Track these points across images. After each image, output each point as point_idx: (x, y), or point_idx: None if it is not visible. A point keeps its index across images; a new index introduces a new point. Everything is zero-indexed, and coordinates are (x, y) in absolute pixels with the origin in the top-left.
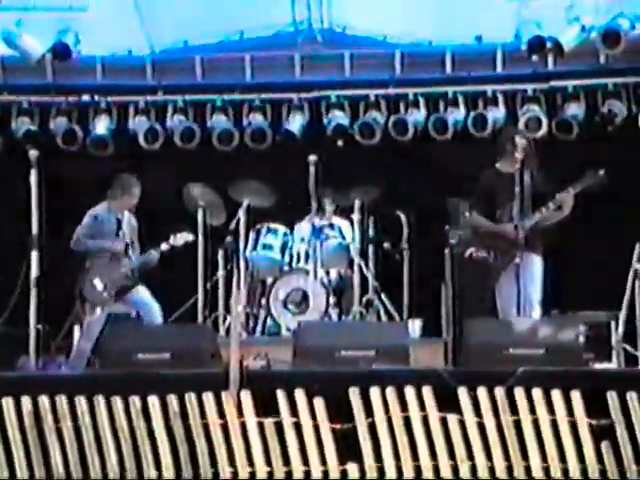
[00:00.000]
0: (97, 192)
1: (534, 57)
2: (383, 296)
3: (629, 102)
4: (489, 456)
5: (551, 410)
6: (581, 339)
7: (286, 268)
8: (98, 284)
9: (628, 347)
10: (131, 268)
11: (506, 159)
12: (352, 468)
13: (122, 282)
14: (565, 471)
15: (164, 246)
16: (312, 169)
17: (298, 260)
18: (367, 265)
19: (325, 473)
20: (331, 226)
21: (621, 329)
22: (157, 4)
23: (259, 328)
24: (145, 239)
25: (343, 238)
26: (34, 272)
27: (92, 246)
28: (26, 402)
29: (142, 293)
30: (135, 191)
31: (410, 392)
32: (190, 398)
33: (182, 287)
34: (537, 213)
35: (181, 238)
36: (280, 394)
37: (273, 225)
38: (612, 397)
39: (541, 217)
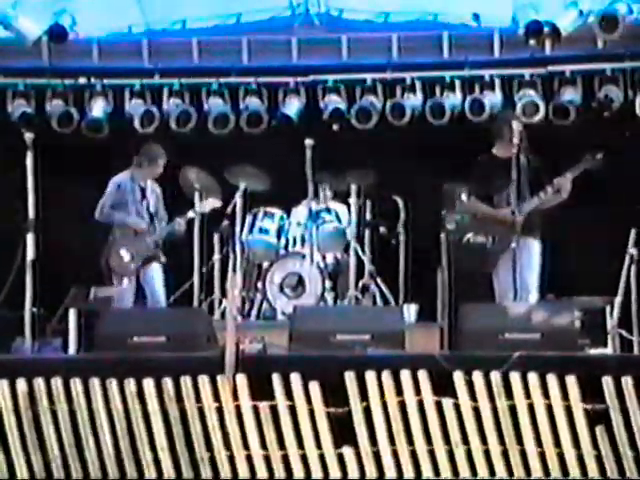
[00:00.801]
0: (92, 174)
1: (531, 42)
2: (379, 280)
3: (626, 87)
4: (484, 440)
5: (546, 395)
6: (577, 324)
7: (282, 252)
8: (125, 255)
9: (624, 332)
10: (156, 239)
11: (502, 144)
12: (347, 452)
13: (148, 253)
14: (560, 455)
15: (190, 214)
16: (309, 153)
17: (294, 244)
18: (363, 249)
19: (321, 457)
20: (327, 210)
21: (616, 314)
22: None
23: (255, 312)
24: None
25: (339, 222)
26: (30, 255)
27: (117, 220)
28: (21, 385)
29: (156, 273)
30: (160, 162)
31: (405, 376)
32: (185, 381)
33: (178, 271)
34: (535, 198)
35: (208, 204)
36: (276, 378)
37: (269, 209)
38: (607, 382)
39: (539, 202)
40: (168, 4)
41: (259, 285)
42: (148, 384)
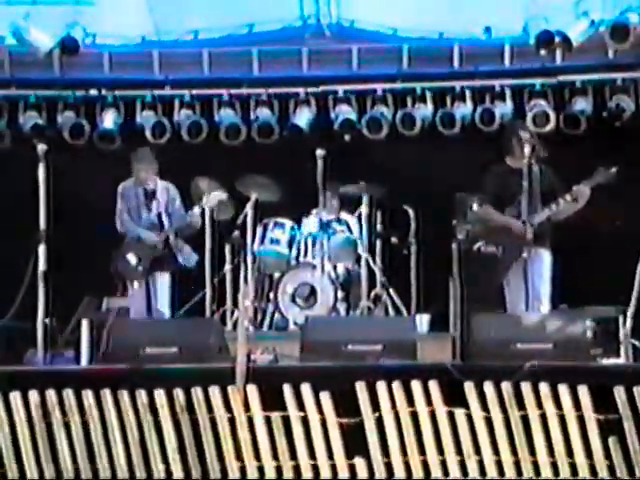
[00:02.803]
0: (104, 186)
1: (542, 52)
2: (391, 291)
3: (637, 97)
4: (496, 451)
5: (558, 405)
6: (589, 334)
7: (293, 262)
8: (132, 259)
9: (636, 342)
10: (162, 239)
11: (514, 155)
12: (359, 463)
13: (155, 254)
14: (573, 466)
15: (196, 209)
16: (320, 163)
17: (305, 254)
18: (375, 260)
19: (332, 467)
20: (338, 221)
21: (629, 324)
22: None
23: (267, 322)
24: None
25: (350, 233)
26: (42, 266)
27: (131, 232)
28: (34, 396)
29: (161, 283)
30: (143, 163)
31: (417, 387)
32: (197, 392)
33: (190, 281)
34: (547, 209)
35: (214, 198)
36: (287, 388)
37: (280, 219)
38: (620, 392)
39: (551, 213)
40: (180, 15)
41: (271, 296)
42: (160, 395)
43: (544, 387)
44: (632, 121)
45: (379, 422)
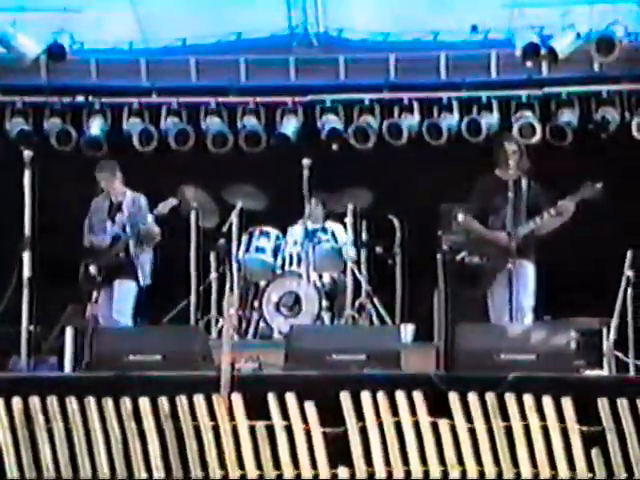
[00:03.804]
0: (90, 193)
1: (528, 63)
2: (375, 300)
3: (623, 109)
4: (479, 461)
5: (542, 416)
6: (572, 345)
7: (279, 271)
8: (92, 269)
9: (619, 354)
10: (122, 247)
11: (502, 166)
12: (343, 472)
13: (117, 262)
14: (555, 477)
15: (150, 217)
16: (306, 173)
17: (291, 263)
18: (360, 269)
19: (316, 477)
20: (324, 230)
21: (612, 336)
22: (154, 4)
23: (251, 331)
24: None
25: (336, 242)
26: (26, 273)
27: (87, 243)
28: (17, 402)
29: (119, 290)
30: (103, 173)
31: (401, 396)
32: (181, 400)
33: (174, 289)
34: (531, 222)
35: (166, 205)
36: (271, 397)
37: (266, 228)
38: (603, 404)
39: (535, 226)
40: (167, 22)
41: (256, 304)
42: (144, 403)
43: (528, 398)
44: (617, 133)
45: (363, 432)
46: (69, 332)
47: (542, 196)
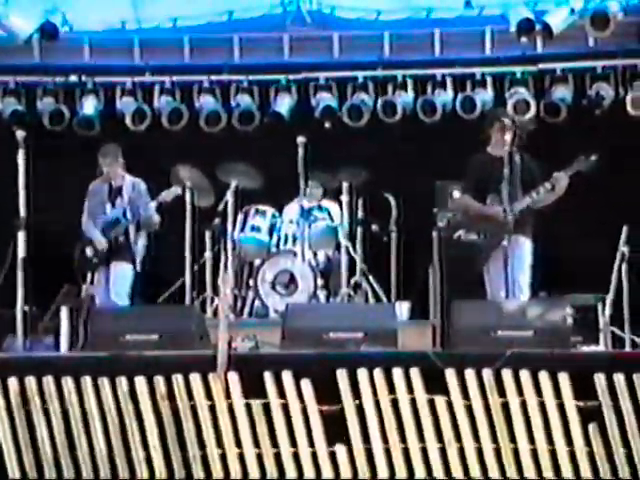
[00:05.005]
0: (84, 172)
1: (523, 39)
2: (371, 278)
3: (617, 85)
4: (477, 438)
5: (539, 392)
6: (569, 321)
7: (274, 250)
8: (89, 251)
9: (615, 330)
10: (121, 231)
11: (495, 142)
12: (340, 450)
13: (115, 245)
14: (553, 453)
15: (153, 203)
16: (300, 151)
17: (286, 242)
18: (355, 247)
19: (313, 454)
20: (319, 208)
21: (608, 312)
22: None
23: (247, 310)
24: None
25: (331, 220)
26: (21, 253)
27: (87, 234)
28: (13, 383)
29: (115, 273)
30: (107, 158)
31: (398, 374)
32: (177, 379)
33: (170, 268)
34: (527, 197)
35: (169, 194)
36: (268, 376)
37: (261, 207)
38: (599, 379)
39: (531, 201)
40: (160, 1)
41: (251, 283)
42: (140, 382)
43: (524, 374)
44: (612, 109)
45: (360, 409)
46: (64, 312)
47: (536, 169)
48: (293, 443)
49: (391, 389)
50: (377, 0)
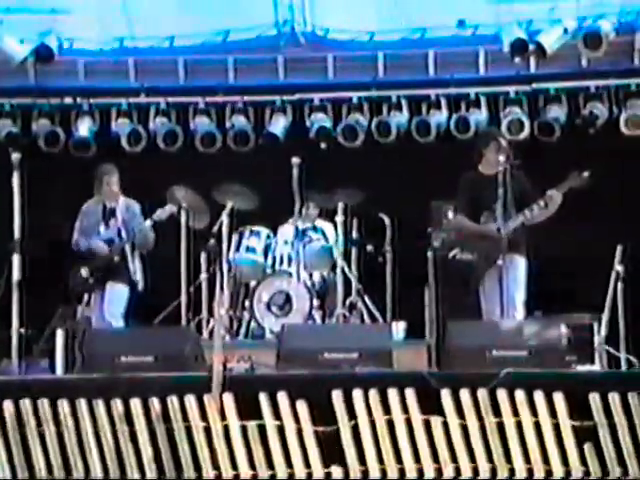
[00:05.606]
0: (79, 194)
1: (516, 59)
2: (366, 298)
3: (610, 104)
4: (473, 458)
5: (534, 412)
6: (564, 341)
7: (269, 271)
8: (84, 272)
9: (611, 349)
10: (118, 251)
11: (488, 161)
12: (336, 471)
13: (111, 265)
14: (548, 472)
15: (148, 222)
16: (295, 171)
17: (281, 262)
18: (350, 267)
19: (309, 476)
20: (314, 228)
21: (604, 331)
22: (143, 4)
23: (243, 331)
24: None
25: (326, 240)
26: (16, 276)
27: (83, 247)
28: (8, 406)
29: (111, 293)
30: (106, 179)
31: (393, 394)
32: (173, 401)
33: (165, 290)
34: (520, 215)
35: (164, 212)
36: (263, 397)
37: (256, 227)
38: (595, 399)
39: (525, 219)
40: (155, 22)
41: (247, 304)
42: (135, 404)
43: (520, 394)
44: (605, 128)
45: (355, 430)
46: (60, 334)
47: (528, 189)
48: (289, 464)
49: (386, 409)
50: (371, 21)
